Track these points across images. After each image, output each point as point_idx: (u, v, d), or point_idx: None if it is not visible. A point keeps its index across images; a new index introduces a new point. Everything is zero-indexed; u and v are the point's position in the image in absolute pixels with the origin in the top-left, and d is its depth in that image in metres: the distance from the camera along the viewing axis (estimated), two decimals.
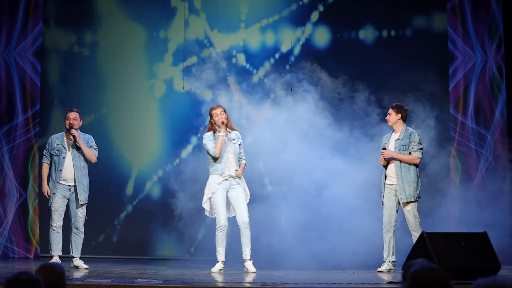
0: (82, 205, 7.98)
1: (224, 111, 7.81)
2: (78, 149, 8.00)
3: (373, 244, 8.42)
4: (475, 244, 6.42)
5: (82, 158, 8.04)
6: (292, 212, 9.14)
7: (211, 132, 7.78)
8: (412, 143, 7.81)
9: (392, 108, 7.97)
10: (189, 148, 10.01)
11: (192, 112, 9.95)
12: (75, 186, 7.97)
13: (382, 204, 7.88)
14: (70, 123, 8.01)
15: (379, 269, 7.72)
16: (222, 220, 7.62)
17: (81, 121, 8.14)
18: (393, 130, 7.97)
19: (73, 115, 8.05)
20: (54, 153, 8.04)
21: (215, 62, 9.95)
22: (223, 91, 9.86)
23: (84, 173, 8.04)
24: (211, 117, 7.80)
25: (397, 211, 7.81)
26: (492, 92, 9.67)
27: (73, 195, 7.98)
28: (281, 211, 9.24)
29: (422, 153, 7.87)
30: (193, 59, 10.06)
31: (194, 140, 10.00)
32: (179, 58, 10.07)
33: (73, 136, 7.95)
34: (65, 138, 8.08)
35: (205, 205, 7.73)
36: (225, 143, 7.71)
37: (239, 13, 10.14)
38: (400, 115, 7.90)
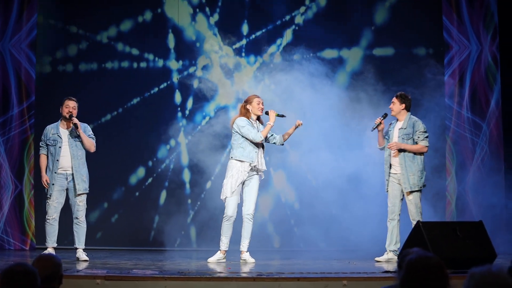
0: (80, 194, 7.79)
1: None
2: (75, 138, 7.79)
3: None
4: (470, 233, 6.42)
5: (80, 147, 7.81)
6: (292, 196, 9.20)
7: (245, 118, 7.64)
8: (417, 132, 7.67)
9: (396, 97, 7.82)
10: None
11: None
12: (72, 174, 7.75)
13: (386, 191, 7.80)
14: (69, 111, 7.77)
15: (377, 258, 7.68)
16: (230, 211, 7.54)
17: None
18: (397, 118, 7.85)
19: (72, 103, 7.80)
20: (50, 143, 7.82)
21: (222, 63, 9.99)
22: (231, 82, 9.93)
23: (82, 163, 7.83)
24: (250, 103, 7.65)
25: (401, 200, 7.75)
26: (488, 81, 9.66)
27: (71, 183, 7.76)
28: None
29: (428, 141, 7.75)
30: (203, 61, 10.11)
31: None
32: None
33: (75, 124, 7.71)
34: (60, 127, 7.86)
35: (227, 189, 7.52)
36: None
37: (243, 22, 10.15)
38: (404, 105, 7.76)
